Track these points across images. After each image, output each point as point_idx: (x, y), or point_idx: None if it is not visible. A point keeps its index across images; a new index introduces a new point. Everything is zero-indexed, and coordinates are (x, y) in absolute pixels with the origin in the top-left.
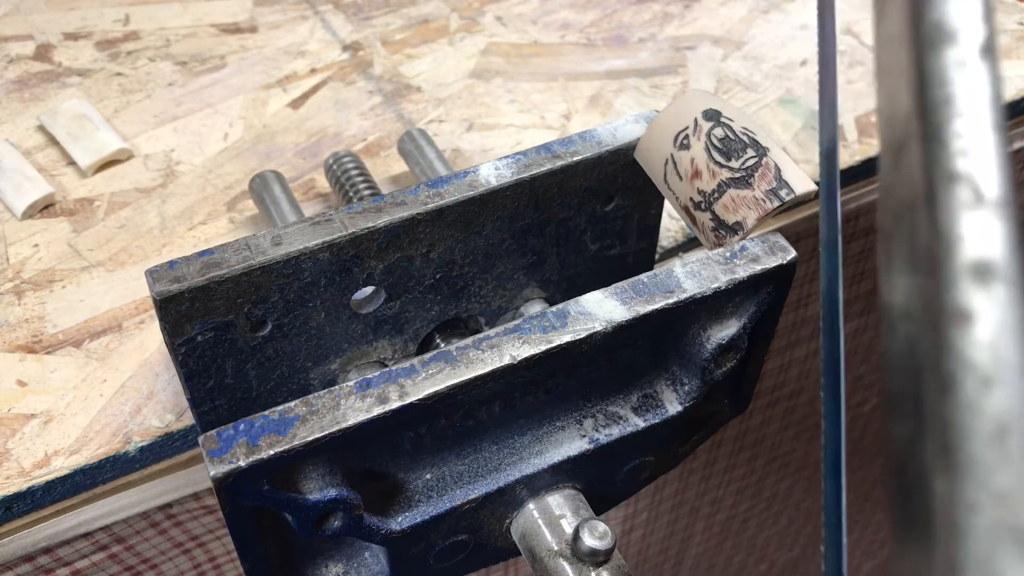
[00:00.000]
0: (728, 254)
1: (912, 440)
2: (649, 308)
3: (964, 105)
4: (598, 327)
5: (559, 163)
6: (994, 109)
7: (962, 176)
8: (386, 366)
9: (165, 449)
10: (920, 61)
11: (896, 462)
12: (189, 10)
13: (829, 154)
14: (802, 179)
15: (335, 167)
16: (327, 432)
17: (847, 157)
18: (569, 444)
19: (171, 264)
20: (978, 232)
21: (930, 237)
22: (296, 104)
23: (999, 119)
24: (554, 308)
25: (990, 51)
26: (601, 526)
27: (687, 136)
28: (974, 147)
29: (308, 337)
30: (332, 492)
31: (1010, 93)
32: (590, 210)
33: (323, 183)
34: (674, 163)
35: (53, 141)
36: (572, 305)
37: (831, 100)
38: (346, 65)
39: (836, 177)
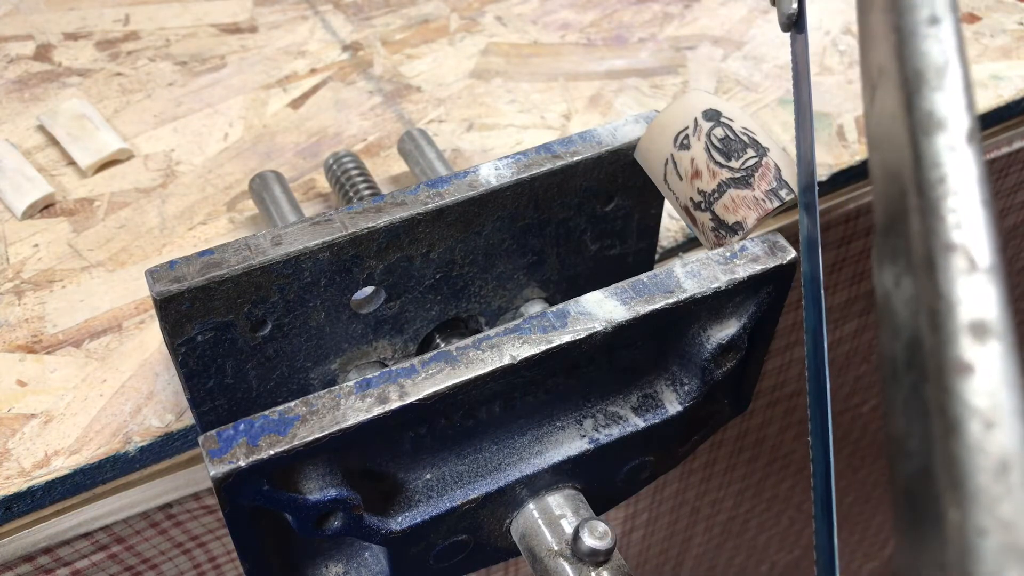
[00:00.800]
0: (728, 254)
1: (921, 477)
2: (649, 308)
3: (956, 184)
4: (598, 327)
5: (559, 163)
6: (982, 187)
7: (958, 246)
8: (386, 366)
9: (165, 449)
10: (915, 144)
11: (904, 496)
12: (189, 10)
13: (805, 163)
14: None
15: (335, 167)
16: (327, 432)
17: (847, 157)
18: (569, 444)
19: (171, 264)
20: (974, 296)
21: (932, 300)
22: (296, 104)
23: (987, 196)
24: (554, 308)
25: (974, 138)
26: (601, 526)
27: (687, 136)
28: (967, 221)
29: (308, 337)
30: (332, 492)
31: (1010, 93)
32: (590, 210)
33: (323, 183)
34: (674, 163)
35: (53, 141)
36: (572, 305)
37: (806, 116)
38: (346, 65)
39: (814, 188)
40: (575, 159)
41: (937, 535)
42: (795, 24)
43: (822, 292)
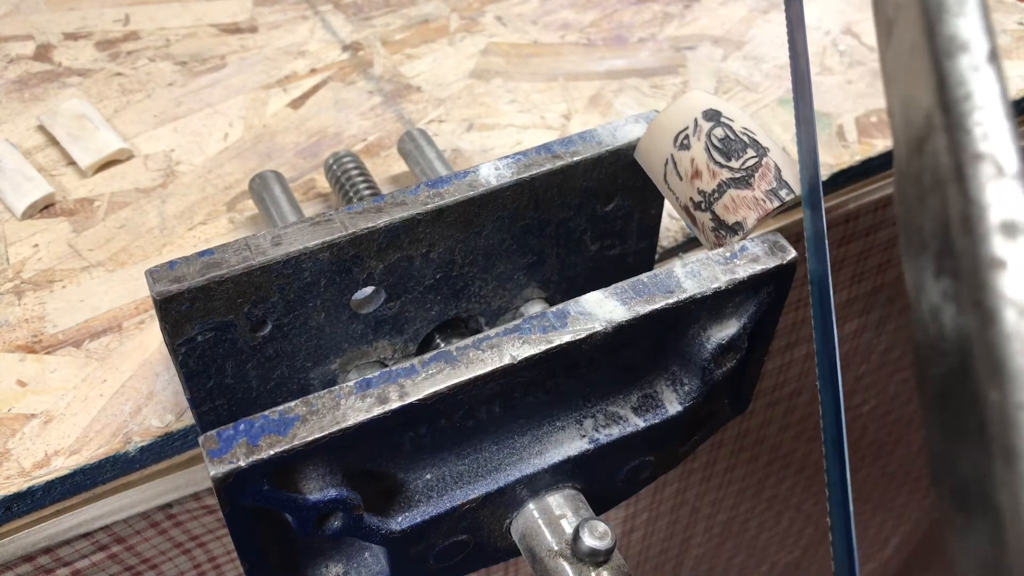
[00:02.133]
0: (728, 254)
1: (956, 373)
2: (649, 308)
3: (981, 100)
4: (598, 327)
5: (559, 163)
6: (1004, 103)
7: (986, 155)
8: (386, 366)
9: (165, 449)
10: (939, 67)
11: (938, 397)
12: (189, 10)
13: (809, 155)
14: None
15: (335, 167)
16: (327, 432)
17: (847, 157)
18: (569, 444)
19: (171, 264)
20: (1004, 198)
21: (963, 206)
22: (296, 104)
23: (1009, 110)
24: (554, 308)
25: (995, 58)
26: (601, 526)
27: (687, 136)
28: (993, 132)
29: (308, 337)
30: (332, 492)
31: (1010, 93)
32: (590, 210)
33: (323, 183)
34: (674, 163)
35: (53, 141)
36: (572, 305)
37: (807, 114)
38: (346, 65)
39: (819, 186)
40: (575, 159)
41: (975, 422)
42: None
43: (830, 290)
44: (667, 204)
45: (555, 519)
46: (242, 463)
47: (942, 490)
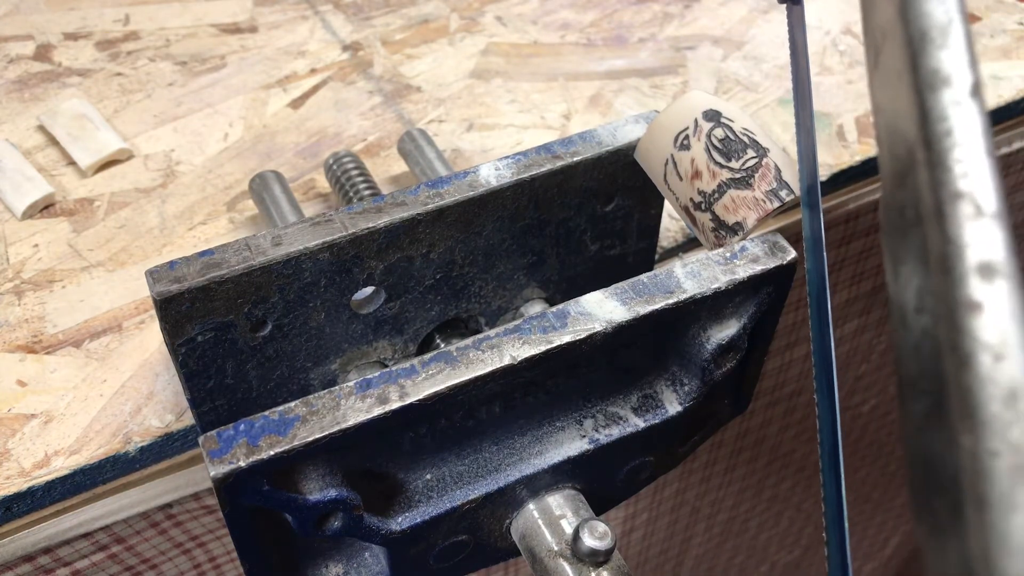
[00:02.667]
0: (728, 254)
1: (933, 413)
2: (649, 308)
3: (962, 136)
4: (598, 327)
5: (559, 163)
6: (986, 139)
7: (965, 194)
8: (386, 366)
9: (165, 449)
10: (921, 101)
11: (916, 434)
12: (189, 10)
13: (807, 154)
14: None
15: (335, 167)
16: (327, 432)
17: (847, 157)
18: (569, 444)
19: (171, 264)
20: (981, 239)
21: (942, 245)
22: (296, 104)
23: (991, 147)
24: (554, 308)
25: (978, 92)
26: (601, 526)
27: (687, 136)
28: (973, 170)
29: (308, 337)
30: (332, 492)
31: (1010, 93)
32: (590, 210)
33: (323, 183)
34: (674, 163)
35: (53, 141)
36: (572, 305)
37: (808, 110)
38: (346, 65)
39: (817, 185)
40: (575, 159)
41: (950, 464)
42: None
43: (827, 290)
44: (667, 204)
45: (555, 519)
46: (242, 463)
47: (921, 534)
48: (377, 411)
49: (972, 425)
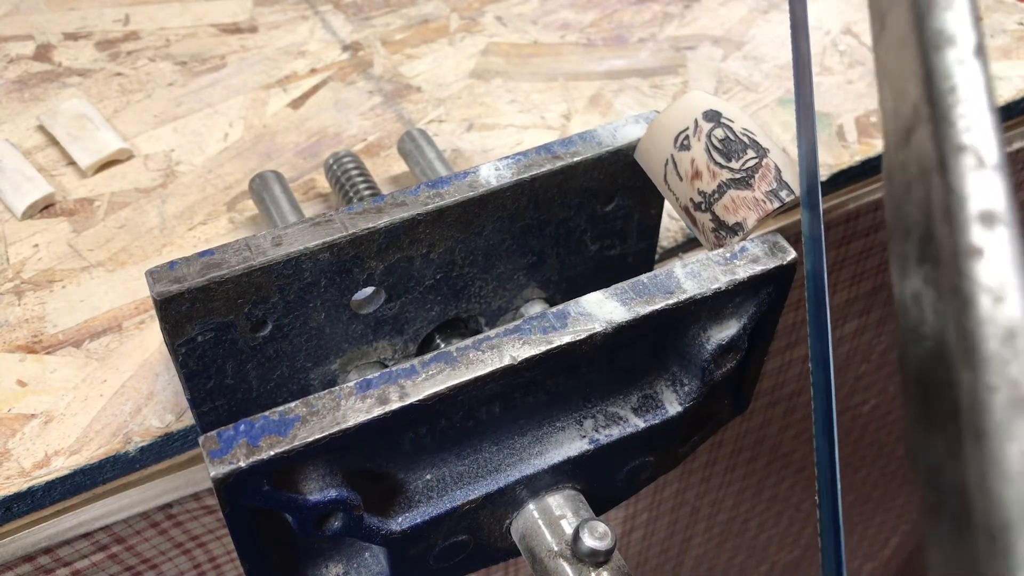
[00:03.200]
0: (728, 255)
1: (934, 356)
2: (649, 309)
3: (965, 93)
4: (598, 328)
5: (559, 163)
6: (988, 96)
7: (968, 147)
8: (386, 366)
9: (165, 449)
10: (926, 60)
11: (917, 378)
12: (189, 10)
13: (809, 155)
14: None
15: (335, 167)
16: (327, 433)
17: (847, 157)
18: (569, 444)
19: (171, 264)
20: (983, 189)
21: (945, 195)
22: (296, 104)
23: (993, 103)
24: (554, 309)
25: (982, 52)
26: (601, 526)
27: (687, 137)
28: (976, 125)
29: (308, 337)
30: (332, 493)
31: (1010, 93)
32: (590, 210)
33: (323, 183)
34: (674, 164)
35: (53, 141)
36: (572, 306)
37: (808, 106)
38: (346, 65)
39: (817, 184)
40: (575, 159)
41: (949, 402)
42: None
43: (826, 290)
44: (667, 204)
45: (555, 519)
46: (242, 464)
47: (917, 471)
48: (377, 411)
49: (972, 363)
